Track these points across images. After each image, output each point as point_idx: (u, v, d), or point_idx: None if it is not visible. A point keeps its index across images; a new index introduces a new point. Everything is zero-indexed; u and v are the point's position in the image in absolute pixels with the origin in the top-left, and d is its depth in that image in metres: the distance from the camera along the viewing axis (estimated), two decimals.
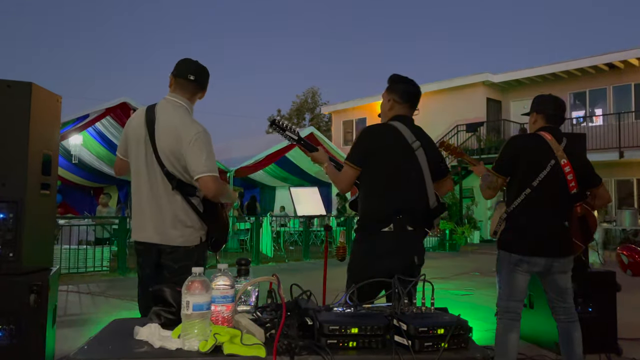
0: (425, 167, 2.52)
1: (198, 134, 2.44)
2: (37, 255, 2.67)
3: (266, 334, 1.50)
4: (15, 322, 2.47)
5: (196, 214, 2.51)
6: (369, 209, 2.53)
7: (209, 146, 2.47)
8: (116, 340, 1.52)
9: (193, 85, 2.58)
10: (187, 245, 2.49)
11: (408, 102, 2.64)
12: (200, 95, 2.67)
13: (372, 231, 2.47)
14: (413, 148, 2.51)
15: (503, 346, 2.84)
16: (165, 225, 2.47)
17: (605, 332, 3.83)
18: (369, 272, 2.30)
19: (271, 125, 2.81)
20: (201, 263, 2.52)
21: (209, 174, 2.40)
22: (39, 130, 2.64)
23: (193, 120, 2.54)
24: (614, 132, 15.81)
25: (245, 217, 13.97)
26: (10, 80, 2.59)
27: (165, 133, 2.46)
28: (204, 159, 2.41)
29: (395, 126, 2.55)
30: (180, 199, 2.48)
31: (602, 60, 16.83)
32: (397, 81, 2.69)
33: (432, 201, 2.55)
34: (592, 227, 3.35)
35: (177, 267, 2.48)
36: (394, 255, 2.40)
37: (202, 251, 2.58)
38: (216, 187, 2.43)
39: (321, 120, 35.75)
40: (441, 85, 20.09)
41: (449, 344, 1.46)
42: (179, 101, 2.54)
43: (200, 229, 2.53)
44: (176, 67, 2.58)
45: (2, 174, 2.52)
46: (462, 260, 11.74)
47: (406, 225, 2.43)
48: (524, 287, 2.88)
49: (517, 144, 3.03)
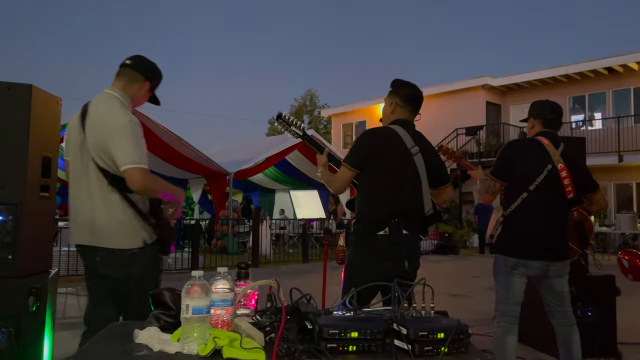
0: (423, 172, 2.52)
1: (124, 124, 2.28)
2: (36, 257, 2.66)
3: (266, 337, 1.49)
4: (13, 325, 2.46)
5: (136, 212, 2.33)
6: (365, 212, 2.53)
7: (136, 137, 2.29)
8: (115, 344, 1.51)
9: (128, 71, 2.45)
10: (127, 248, 2.32)
11: (410, 106, 2.65)
12: (141, 86, 2.48)
13: (368, 234, 2.47)
14: (412, 153, 2.51)
15: (501, 349, 2.85)
16: (101, 226, 2.32)
17: (604, 336, 3.83)
18: (365, 275, 2.33)
19: (277, 119, 2.80)
20: (150, 270, 2.40)
21: (135, 165, 2.22)
22: (38, 133, 2.64)
23: (122, 111, 2.35)
24: (613, 136, 15.84)
25: (245, 220, 13.96)
26: (10, 82, 2.59)
27: (93, 126, 2.34)
28: (130, 150, 2.24)
29: (395, 130, 2.55)
30: (117, 196, 2.31)
31: (602, 64, 16.89)
32: (400, 85, 2.70)
33: (428, 208, 2.54)
34: (589, 232, 3.36)
35: (119, 276, 2.34)
36: (388, 259, 2.41)
37: (149, 256, 2.39)
38: (143, 181, 2.23)
39: (320, 123, 35.81)
40: (441, 88, 20.15)
41: (449, 348, 1.46)
42: (113, 93, 2.41)
43: (142, 229, 2.35)
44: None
45: (1, 177, 2.51)
46: (461, 264, 11.74)
47: (402, 229, 2.43)
48: (521, 290, 2.90)
49: (514, 148, 3.06)
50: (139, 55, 2.54)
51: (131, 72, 2.47)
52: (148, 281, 2.36)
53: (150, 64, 2.54)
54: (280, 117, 2.76)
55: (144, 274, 2.37)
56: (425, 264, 2.55)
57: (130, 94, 2.46)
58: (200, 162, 12.26)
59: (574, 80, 17.99)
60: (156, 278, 2.47)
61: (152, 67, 2.54)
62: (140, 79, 2.48)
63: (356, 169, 2.52)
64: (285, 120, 2.75)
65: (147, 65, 2.52)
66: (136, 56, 2.53)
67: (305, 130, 2.79)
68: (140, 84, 2.48)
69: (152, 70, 2.53)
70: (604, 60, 16.84)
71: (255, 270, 9.43)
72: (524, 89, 19.22)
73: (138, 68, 2.48)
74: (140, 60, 2.52)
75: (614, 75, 17.21)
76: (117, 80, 2.47)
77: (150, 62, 2.55)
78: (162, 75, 2.61)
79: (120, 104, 2.38)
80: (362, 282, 2.27)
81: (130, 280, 2.36)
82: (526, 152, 2.96)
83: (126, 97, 2.44)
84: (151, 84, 2.53)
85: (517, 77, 18.95)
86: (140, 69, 2.48)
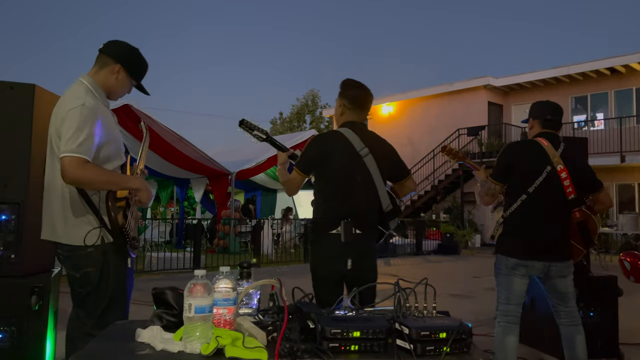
0: (375, 171, 2.55)
1: (71, 108, 2.13)
2: (38, 257, 2.67)
3: (268, 337, 1.50)
4: (16, 324, 2.47)
5: (89, 206, 2.19)
6: (320, 212, 2.58)
7: (81, 122, 2.10)
8: (118, 343, 1.52)
9: (100, 57, 2.34)
10: (83, 245, 2.18)
11: (357, 108, 2.65)
12: (112, 69, 2.33)
13: (322, 233, 2.54)
14: (360, 155, 2.53)
15: (502, 350, 2.85)
16: (58, 220, 2.22)
17: (606, 337, 3.82)
18: (320, 273, 2.52)
19: (240, 125, 2.84)
20: (112, 270, 2.25)
21: (69, 154, 2.04)
22: (41, 132, 2.65)
23: (79, 95, 2.20)
24: (616, 137, 15.81)
25: (247, 220, 13.98)
26: (14, 81, 2.60)
27: (54, 115, 2.24)
28: (69, 136, 2.07)
29: (342, 133, 2.57)
30: (74, 189, 2.18)
31: (604, 64, 16.84)
32: (347, 86, 2.69)
33: (386, 204, 2.59)
34: (593, 231, 3.35)
35: (79, 275, 2.22)
36: (334, 257, 2.48)
37: (111, 254, 2.25)
38: (74, 172, 2.05)
39: (322, 123, 35.80)
40: (442, 89, 20.11)
41: (451, 348, 1.46)
42: (82, 79, 2.30)
43: (98, 224, 2.21)
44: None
45: (5, 176, 2.52)
46: (463, 264, 11.72)
47: (353, 228, 2.48)
48: (523, 290, 2.90)
49: (512, 150, 3.06)
50: (113, 40, 2.40)
51: (102, 57, 2.35)
52: (106, 283, 2.25)
53: (123, 47, 2.39)
54: (242, 122, 2.81)
55: (102, 275, 2.24)
56: (427, 264, 2.57)
57: (101, 79, 2.33)
58: (202, 162, 12.27)
59: (576, 81, 17.95)
60: (118, 280, 2.31)
61: (124, 50, 2.38)
62: (110, 62, 2.33)
63: (305, 174, 2.59)
64: (248, 125, 2.81)
65: (119, 48, 2.37)
66: (110, 41, 2.39)
67: (268, 133, 2.84)
68: (111, 67, 2.33)
69: (125, 54, 2.38)
70: (606, 60, 16.80)
71: (256, 270, 9.44)
72: (526, 89, 19.19)
73: (108, 52, 2.35)
74: (112, 43, 2.38)
75: (616, 76, 17.17)
76: (92, 68, 2.37)
77: (125, 46, 2.39)
78: (141, 59, 2.45)
79: (83, 90, 2.24)
80: (317, 278, 2.54)
81: (88, 282, 2.23)
82: (525, 153, 2.96)
83: (95, 84, 2.30)
84: (124, 67, 2.36)
85: (519, 77, 18.91)
86: (110, 53, 2.34)
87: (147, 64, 2.48)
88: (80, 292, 2.27)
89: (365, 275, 2.46)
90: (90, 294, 2.25)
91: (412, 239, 14.37)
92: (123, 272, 2.36)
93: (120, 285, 2.33)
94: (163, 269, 9.55)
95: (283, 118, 37.54)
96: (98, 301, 2.25)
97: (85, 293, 2.26)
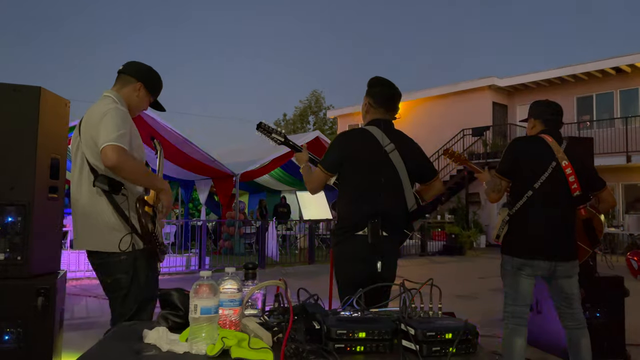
0: (402, 169, 2.52)
1: (107, 110, 2.28)
2: (44, 258, 2.68)
3: (274, 338, 1.49)
4: (22, 325, 2.48)
5: (119, 213, 2.28)
6: (345, 213, 2.54)
7: (119, 120, 2.25)
8: (123, 344, 1.52)
9: (121, 77, 2.51)
10: (114, 252, 2.27)
11: (383, 106, 2.63)
12: (134, 87, 2.49)
13: (347, 234, 2.48)
14: (387, 151, 2.50)
15: (510, 352, 2.83)
16: (90, 230, 2.32)
17: (613, 338, 3.81)
18: (344, 274, 2.45)
19: (257, 128, 2.83)
20: (142, 276, 2.33)
21: (110, 142, 2.16)
22: (47, 134, 2.66)
23: (109, 101, 2.37)
24: (621, 137, 15.73)
25: (252, 221, 13.98)
26: (19, 84, 2.61)
27: (86, 124, 2.37)
28: (109, 130, 2.19)
29: (369, 130, 2.55)
30: (104, 199, 2.29)
31: (609, 64, 16.77)
32: (373, 84, 2.67)
33: (411, 204, 2.55)
34: (598, 230, 3.32)
35: (110, 281, 2.32)
36: (363, 260, 2.42)
37: (141, 260, 2.33)
38: (116, 158, 2.14)
39: (325, 124, 35.79)
40: (447, 89, 20.08)
41: (457, 349, 1.45)
42: (107, 93, 2.45)
43: (129, 230, 2.29)
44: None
45: (11, 178, 2.53)
46: (468, 265, 11.69)
47: (380, 230, 2.43)
48: (529, 291, 2.88)
49: (518, 146, 3.04)
50: (131, 61, 2.58)
51: (123, 76, 2.51)
52: (136, 289, 2.32)
53: (141, 66, 2.57)
54: (260, 126, 2.80)
55: (132, 281, 2.32)
56: (432, 265, 2.57)
57: (124, 96, 2.47)
58: (207, 163, 12.29)
59: (581, 81, 17.88)
60: (148, 286, 2.38)
61: (143, 69, 2.56)
62: (131, 80, 2.50)
63: (330, 173, 2.54)
64: (266, 128, 2.79)
65: (138, 67, 2.55)
66: (128, 62, 2.57)
67: (285, 136, 2.84)
68: (132, 85, 2.50)
69: (144, 72, 2.55)
70: (612, 60, 16.73)
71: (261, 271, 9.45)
72: (530, 89, 19.13)
73: (128, 71, 2.52)
74: (131, 64, 2.56)
75: (621, 75, 17.09)
76: (113, 86, 2.52)
77: (143, 65, 2.57)
78: (158, 78, 2.61)
79: (111, 100, 2.39)
80: (343, 281, 2.43)
81: (119, 287, 2.33)
82: (531, 149, 2.95)
83: (120, 98, 2.45)
84: (145, 85, 2.52)
85: (523, 78, 18.85)
86: (130, 72, 2.52)
87: (162, 82, 2.64)
88: (112, 297, 2.36)
89: (391, 278, 2.43)
90: (119, 299, 2.34)
91: (417, 240, 14.36)
92: (152, 277, 2.42)
93: (149, 290, 2.39)
94: (168, 270, 9.58)
95: (286, 120, 37.56)
96: (128, 305, 2.33)
97: (117, 298, 2.34)
